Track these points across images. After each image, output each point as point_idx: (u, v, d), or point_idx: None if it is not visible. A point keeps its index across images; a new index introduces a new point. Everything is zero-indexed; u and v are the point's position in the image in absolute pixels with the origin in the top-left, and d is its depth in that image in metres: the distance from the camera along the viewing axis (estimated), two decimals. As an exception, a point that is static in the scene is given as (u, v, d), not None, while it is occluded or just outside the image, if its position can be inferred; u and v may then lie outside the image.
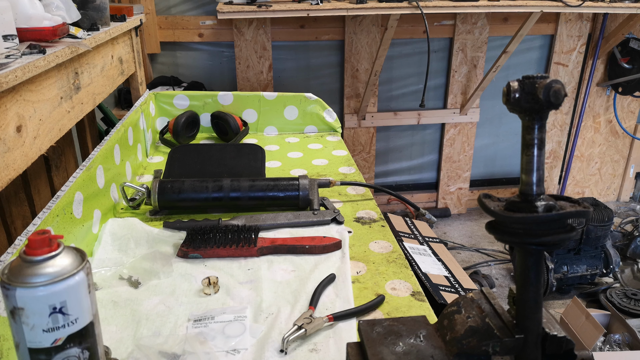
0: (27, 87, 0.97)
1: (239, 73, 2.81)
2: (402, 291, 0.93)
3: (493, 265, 2.81)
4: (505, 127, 3.30)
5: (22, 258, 0.55)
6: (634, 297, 2.27)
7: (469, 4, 2.33)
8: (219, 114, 1.71)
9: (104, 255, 1.02)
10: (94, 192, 1.08)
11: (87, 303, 0.58)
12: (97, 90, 1.42)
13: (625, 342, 1.98)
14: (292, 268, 1.00)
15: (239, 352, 0.78)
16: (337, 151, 1.65)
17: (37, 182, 1.55)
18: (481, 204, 0.55)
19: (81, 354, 0.59)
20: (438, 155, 3.29)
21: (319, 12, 2.28)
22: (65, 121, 1.18)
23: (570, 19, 3.01)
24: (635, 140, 3.37)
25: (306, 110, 1.81)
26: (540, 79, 0.50)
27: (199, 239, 1.04)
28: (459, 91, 3.09)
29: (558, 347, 0.58)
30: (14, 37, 0.94)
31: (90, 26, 1.36)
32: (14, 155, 0.92)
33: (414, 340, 0.62)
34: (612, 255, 2.51)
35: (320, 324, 0.81)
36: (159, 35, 2.71)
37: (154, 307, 0.88)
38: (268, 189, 1.22)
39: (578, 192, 3.49)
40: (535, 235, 0.52)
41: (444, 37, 2.96)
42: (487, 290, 0.65)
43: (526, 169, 0.54)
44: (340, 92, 2.99)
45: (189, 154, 1.51)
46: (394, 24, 2.44)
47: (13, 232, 1.46)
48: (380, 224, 1.18)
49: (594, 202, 2.56)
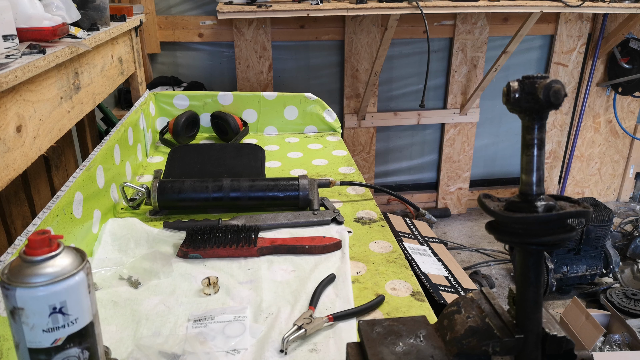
0: (27, 87, 0.97)
1: (239, 73, 2.81)
2: (402, 291, 0.93)
3: (493, 266, 2.81)
4: (505, 127, 3.30)
5: (22, 258, 0.55)
6: (634, 297, 2.27)
7: (469, 4, 2.33)
8: (219, 114, 1.71)
9: (104, 255, 1.02)
10: (94, 192, 1.08)
11: (87, 303, 0.58)
12: (97, 90, 1.42)
13: (625, 342, 1.98)
14: (292, 268, 1.00)
15: (239, 352, 0.78)
16: (337, 151, 1.65)
17: (37, 182, 1.55)
18: (481, 204, 0.55)
19: (81, 354, 0.59)
20: (438, 155, 3.29)
21: (319, 12, 2.28)
22: (65, 121, 1.18)
23: (570, 19, 3.01)
24: (635, 141, 3.37)
25: (306, 110, 1.81)
26: (540, 79, 0.50)
27: (199, 239, 1.04)
28: (458, 91, 3.09)
29: (558, 347, 0.58)
30: (14, 37, 0.94)
31: (90, 26, 1.36)
32: (14, 155, 0.92)
33: (414, 340, 0.62)
34: (612, 255, 2.51)
35: (320, 324, 0.81)
36: (159, 35, 2.71)
37: (154, 307, 0.88)
38: (268, 189, 1.22)
39: (578, 192, 3.49)
40: (535, 235, 0.52)
41: (444, 37, 2.96)
42: (487, 290, 0.65)
43: (526, 169, 0.54)
44: (340, 92, 2.99)
45: (189, 154, 1.51)
46: (394, 24, 2.44)
47: (13, 232, 1.46)
48: (380, 224, 1.18)
49: (593, 202, 2.56)
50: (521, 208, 0.53)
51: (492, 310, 0.61)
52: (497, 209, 0.53)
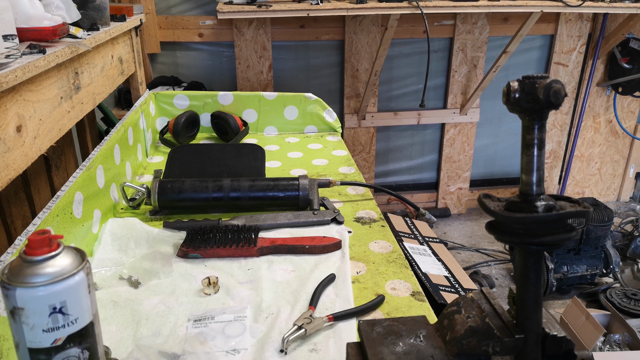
0: (27, 87, 0.97)
1: (239, 73, 2.81)
2: (402, 291, 0.93)
3: (493, 265, 2.81)
4: (505, 127, 3.30)
5: (22, 258, 0.55)
6: (634, 297, 2.27)
7: (469, 3, 2.33)
8: (219, 114, 1.71)
9: (104, 255, 1.02)
10: (94, 192, 1.08)
11: (87, 303, 0.58)
12: (97, 90, 1.42)
13: (625, 342, 1.98)
14: (292, 268, 1.00)
15: (239, 352, 0.78)
16: (337, 151, 1.65)
17: (37, 182, 1.55)
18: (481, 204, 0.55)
19: (81, 354, 0.59)
20: (438, 155, 3.29)
21: (319, 12, 2.28)
22: (65, 121, 1.18)
23: (571, 19, 3.01)
24: (635, 140, 3.37)
25: (306, 110, 1.81)
26: (540, 79, 0.50)
27: (199, 239, 1.04)
28: (459, 91, 3.09)
29: (558, 347, 0.58)
30: (14, 37, 0.94)
31: (90, 26, 1.36)
32: (14, 155, 0.92)
33: (414, 340, 0.62)
34: (612, 255, 2.51)
35: (320, 324, 0.81)
36: (159, 35, 2.71)
37: (154, 307, 0.88)
38: (268, 189, 1.22)
39: (578, 192, 3.49)
40: (536, 235, 0.52)
41: (444, 37, 2.96)
42: (487, 290, 0.65)
43: (526, 169, 0.54)
44: (340, 92, 2.99)
45: (189, 154, 1.50)
46: (394, 23, 2.43)
47: (13, 232, 1.46)
48: (380, 224, 1.18)
49: (594, 202, 2.56)
50: (521, 208, 0.53)
51: (492, 310, 0.61)
52: (497, 209, 0.53)
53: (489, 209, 0.54)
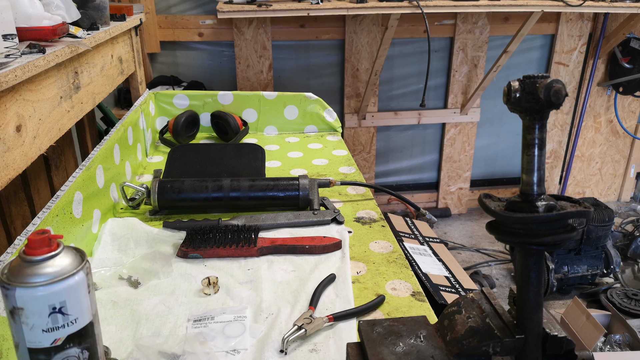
0: (27, 87, 0.97)
1: (239, 72, 2.81)
2: (403, 291, 0.93)
3: (493, 266, 2.81)
4: (506, 127, 3.30)
5: (21, 258, 0.55)
6: (635, 298, 2.27)
7: (469, 3, 2.33)
8: (219, 113, 1.71)
9: (104, 255, 1.01)
10: (94, 192, 1.08)
11: (87, 303, 0.58)
12: (97, 90, 1.42)
13: (625, 343, 1.98)
14: (292, 268, 1.00)
15: (238, 352, 0.78)
16: (337, 151, 1.65)
17: (37, 181, 1.55)
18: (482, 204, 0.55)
19: (81, 354, 0.59)
20: (438, 155, 3.29)
21: (319, 11, 2.28)
22: (65, 121, 1.18)
23: (571, 19, 3.01)
24: (636, 140, 3.37)
25: (306, 109, 1.81)
26: (540, 78, 0.50)
27: (198, 239, 1.04)
28: (459, 91, 3.09)
29: (558, 348, 0.58)
30: (14, 37, 0.94)
31: (90, 25, 1.36)
32: (14, 155, 0.92)
33: (414, 340, 0.62)
34: (613, 255, 2.51)
35: (320, 324, 0.81)
36: (158, 35, 2.71)
37: (153, 307, 0.88)
38: (268, 188, 1.21)
39: (579, 192, 3.49)
40: (536, 235, 0.52)
41: (445, 36, 2.96)
42: (487, 291, 0.65)
43: (527, 169, 0.54)
44: (341, 91, 2.99)
45: (189, 154, 1.50)
46: (394, 23, 2.43)
47: (13, 232, 1.46)
48: (380, 224, 1.18)
49: (594, 202, 2.56)
50: (522, 208, 0.53)
51: (493, 311, 0.61)
52: (498, 209, 0.53)
53: (489, 209, 0.53)
